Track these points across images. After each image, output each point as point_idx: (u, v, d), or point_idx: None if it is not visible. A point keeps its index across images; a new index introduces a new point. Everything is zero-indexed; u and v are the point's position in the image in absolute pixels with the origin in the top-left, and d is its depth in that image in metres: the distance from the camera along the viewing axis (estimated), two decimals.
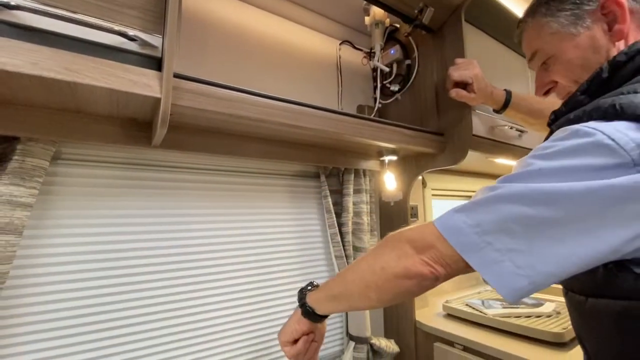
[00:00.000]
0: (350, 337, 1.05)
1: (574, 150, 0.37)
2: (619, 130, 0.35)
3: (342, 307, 0.59)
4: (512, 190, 0.39)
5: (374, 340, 1.04)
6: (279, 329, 0.65)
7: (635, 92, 0.38)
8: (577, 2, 0.52)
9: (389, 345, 1.06)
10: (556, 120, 0.50)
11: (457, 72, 0.87)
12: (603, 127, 0.36)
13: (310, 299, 0.60)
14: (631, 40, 0.48)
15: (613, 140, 0.34)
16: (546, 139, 0.45)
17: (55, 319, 0.68)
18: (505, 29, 1.12)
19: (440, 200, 1.53)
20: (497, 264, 0.38)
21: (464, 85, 0.88)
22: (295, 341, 0.62)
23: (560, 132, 0.41)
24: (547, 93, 0.61)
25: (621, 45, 0.49)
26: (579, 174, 0.36)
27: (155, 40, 0.55)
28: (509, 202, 0.38)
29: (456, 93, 0.88)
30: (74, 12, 0.49)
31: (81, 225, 0.72)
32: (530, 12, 0.59)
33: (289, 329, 0.62)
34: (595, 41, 0.51)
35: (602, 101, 0.40)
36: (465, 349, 0.94)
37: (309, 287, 0.63)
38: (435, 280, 0.44)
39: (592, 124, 0.38)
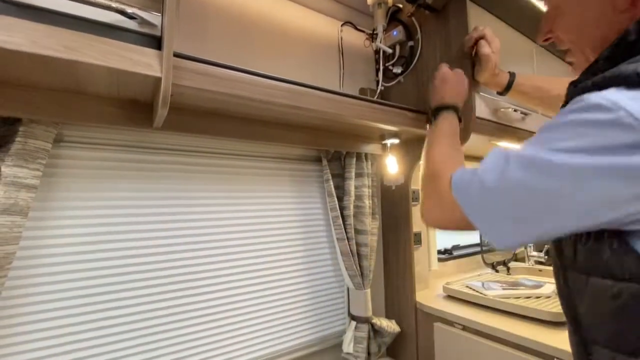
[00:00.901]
0: (352, 317, 1.07)
1: (589, 126, 0.35)
2: None
3: None
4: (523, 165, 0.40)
5: (375, 320, 1.06)
6: (281, 308, 0.65)
7: None
8: None
9: (389, 325, 1.09)
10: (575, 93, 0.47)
11: (491, 33, 0.85)
12: (626, 102, 0.33)
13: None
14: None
15: (637, 119, 0.32)
16: (563, 106, 0.43)
17: (60, 298, 0.70)
18: (511, 9, 1.09)
19: None
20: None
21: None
22: None
23: (575, 103, 0.38)
24: (546, 40, 0.57)
25: (627, 20, 0.44)
26: (590, 151, 0.35)
27: (154, 18, 0.55)
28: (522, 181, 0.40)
29: (484, 45, 0.84)
30: None
31: (84, 207, 0.73)
32: None
33: None
34: (602, 13, 0.46)
35: (623, 67, 0.36)
36: (465, 328, 0.96)
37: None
38: None
39: (612, 94, 0.35)
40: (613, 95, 0.34)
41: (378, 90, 1.14)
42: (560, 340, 0.77)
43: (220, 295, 0.89)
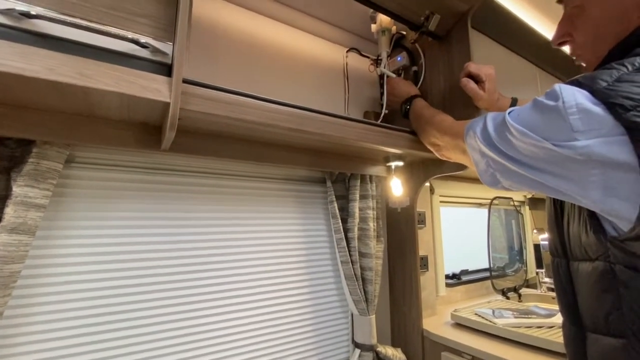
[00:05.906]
0: (356, 345, 1.03)
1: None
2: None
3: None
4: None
5: (380, 348, 1.03)
6: (284, 333, 0.62)
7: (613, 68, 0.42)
8: None
9: (395, 354, 1.05)
10: None
11: (475, 65, 0.88)
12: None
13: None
14: None
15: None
16: None
17: (64, 318, 0.69)
18: (512, 35, 1.11)
19: (449, 207, 1.51)
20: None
21: (475, 82, 0.88)
22: None
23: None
24: (561, 44, 0.59)
25: None
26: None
27: (165, 47, 0.57)
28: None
29: (467, 82, 0.87)
30: (90, 21, 0.51)
31: (92, 227, 0.74)
32: None
33: None
34: (624, 10, 0.48)
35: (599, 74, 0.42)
36: (474, 359, 0.92)
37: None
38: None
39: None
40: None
41: (382, 114, 1.16)
42: None
43: (222, 319, 0.87)
